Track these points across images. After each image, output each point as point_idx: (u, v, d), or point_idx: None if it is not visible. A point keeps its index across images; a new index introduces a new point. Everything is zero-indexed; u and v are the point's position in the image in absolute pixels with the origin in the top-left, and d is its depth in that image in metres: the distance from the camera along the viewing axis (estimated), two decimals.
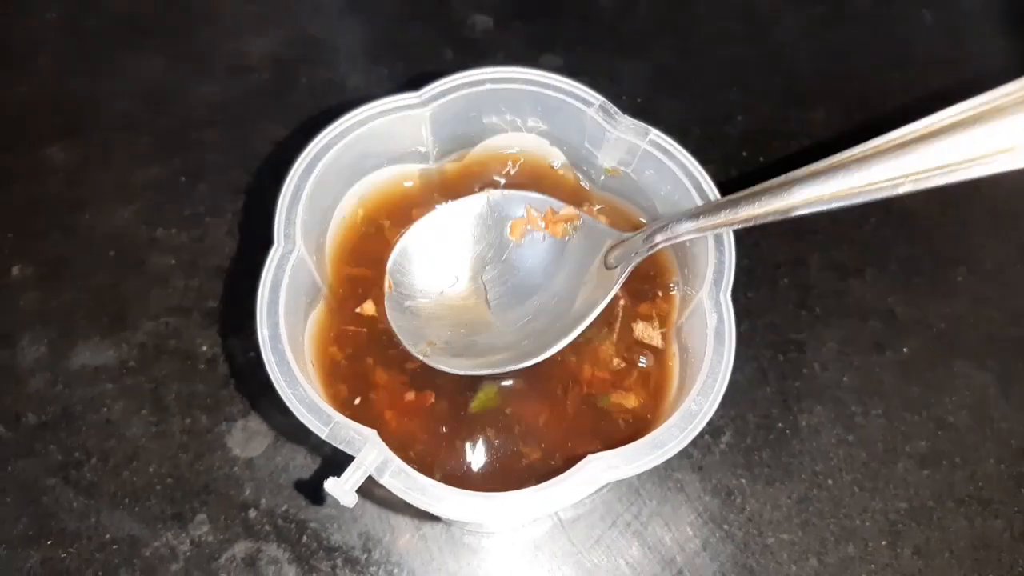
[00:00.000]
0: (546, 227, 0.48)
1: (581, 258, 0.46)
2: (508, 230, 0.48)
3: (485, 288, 0.48)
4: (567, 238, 0.47)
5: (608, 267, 0.45)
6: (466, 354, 0.46)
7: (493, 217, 0.48)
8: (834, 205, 0.33)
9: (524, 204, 0.48)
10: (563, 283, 0.46)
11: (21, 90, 0.69)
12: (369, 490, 0.52)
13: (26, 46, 0.71)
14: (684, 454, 0.55)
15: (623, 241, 0.44)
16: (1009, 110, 0.28)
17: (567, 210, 0.47)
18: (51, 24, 0.72)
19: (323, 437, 0.38)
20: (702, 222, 0.39)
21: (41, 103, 0.69)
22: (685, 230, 0.40)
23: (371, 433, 0.38)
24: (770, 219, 0.36)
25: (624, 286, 0.48)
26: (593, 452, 0.38)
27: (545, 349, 0.44)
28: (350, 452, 0.37)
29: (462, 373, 0.45)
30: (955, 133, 0.29)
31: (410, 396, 0.46)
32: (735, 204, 0.37)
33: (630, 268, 0.43)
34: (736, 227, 0.38)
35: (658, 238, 0.41)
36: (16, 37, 0.72)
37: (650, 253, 0.42)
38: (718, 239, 0.43)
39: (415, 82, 0.70)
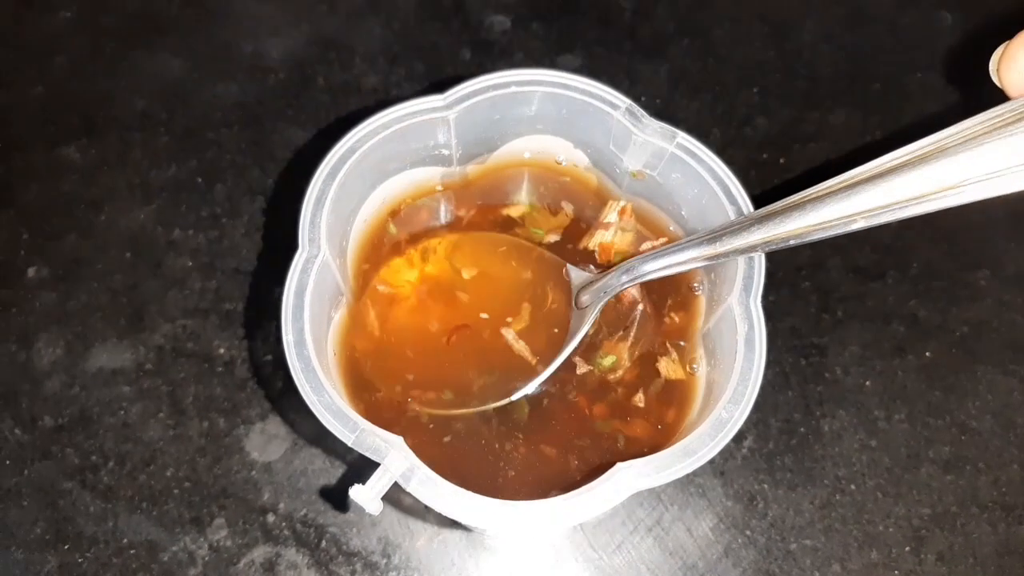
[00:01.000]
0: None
1: (552, 297, 0.48)
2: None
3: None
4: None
5: (579, 307, 0.46)
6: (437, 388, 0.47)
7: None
8: (791, 243, 0.36)
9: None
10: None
11: (37, 90, 0.69)
12: (393, 496, 0.52)
13: (42, 45, 0.71)
14: None
15: (592, 282, 0.45)
16: (950, 150, 0.30)
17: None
18: (68, 23, 0.72)
19: (349, 444, 0.37)
20: (668, 260, 0.41)
21: (58, 103, 0.68)
22: (651, 269, 0.42)
23: (397, 440, 0.38)
24: (731, 257, 0.39)
25: (650, 309, 0.48)
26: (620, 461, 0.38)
27: (516, 390, 0.45)
28: (376, 459, 0.37)
29: (436, 413, 0.45)
30: (904, 172, 0.31)
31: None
32: (698, 243, 0.40)
33: (600, 306, 0.45)
34: (700, 265, 0.41)
35: (624, 278, 0.43)
36: (33, 36, 0.71)
37: (619, 291, 0.44)
38: None
39: (434, 83, 0.70)
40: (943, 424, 0.58)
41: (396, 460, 0.37)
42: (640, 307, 0.47)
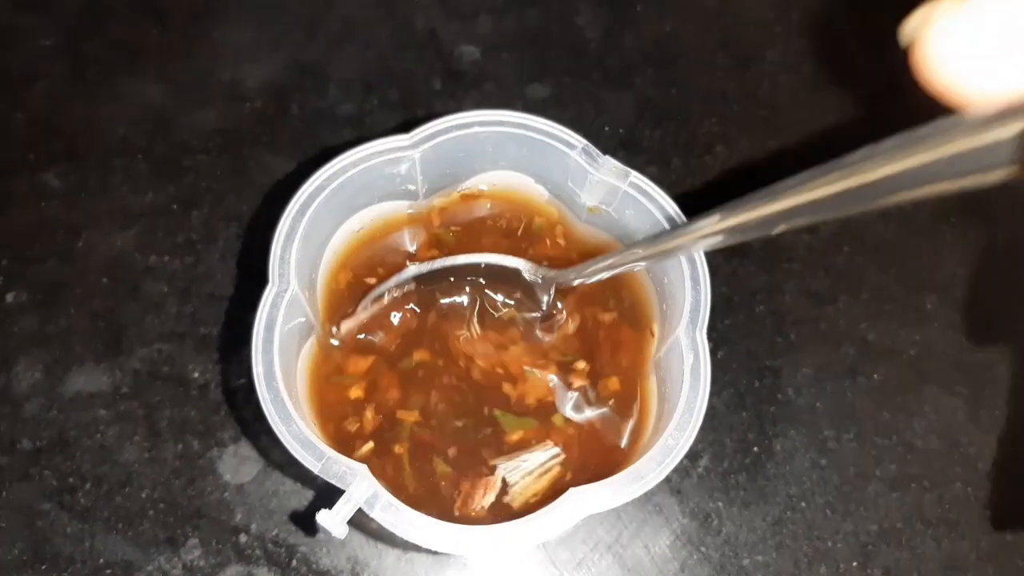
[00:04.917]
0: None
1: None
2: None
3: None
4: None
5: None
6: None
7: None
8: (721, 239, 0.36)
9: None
10: None
11: (18, 115, 0.70)
12: (360, 520, 0.54)
13: (24, 72, 0.72)
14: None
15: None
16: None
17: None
18: (49, 50, 0.74)
19: (316, 472, 0.39)
20: (615, 259, 0.43)
21: (38, 129, 0.70)
22: (571, 277, 0.48)
23: (362, 468, 0.40)
24: (671, 253, 0.42)
25: None
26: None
27: None
28: (341, 486, 0.39)
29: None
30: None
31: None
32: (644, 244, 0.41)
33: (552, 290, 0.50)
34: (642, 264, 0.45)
35: (572, 275, 0.48)
36: (14, 63, 0.73)
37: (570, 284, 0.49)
38: (694, 278, 0.45)
39: (405, 106, 0.72)
40: (890, 443, 0.61)
41: (360, 487, 0.39)
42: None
